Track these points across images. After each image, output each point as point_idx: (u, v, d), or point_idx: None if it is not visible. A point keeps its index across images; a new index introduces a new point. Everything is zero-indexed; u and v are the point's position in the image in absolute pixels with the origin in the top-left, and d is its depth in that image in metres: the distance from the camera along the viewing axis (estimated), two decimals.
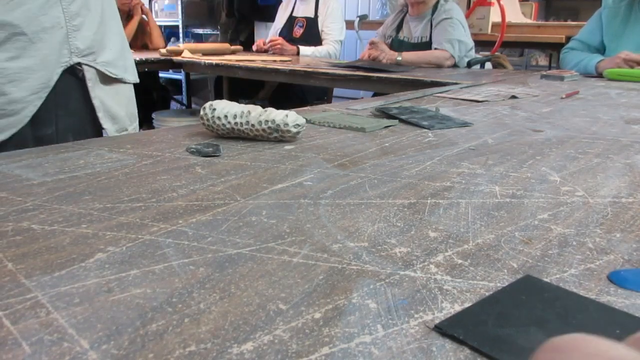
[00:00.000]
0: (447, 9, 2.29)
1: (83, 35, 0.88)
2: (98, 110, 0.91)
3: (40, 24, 0.82)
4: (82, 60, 0.88)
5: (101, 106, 0.92)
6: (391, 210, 0.45)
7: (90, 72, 0.90)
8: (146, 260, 0.34)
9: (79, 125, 0.91)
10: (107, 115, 0.94)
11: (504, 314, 0.28)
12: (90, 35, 0.89)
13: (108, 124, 0.93)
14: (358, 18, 3.27)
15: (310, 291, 0.31)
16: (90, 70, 0.90)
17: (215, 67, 2.42)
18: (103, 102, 0.92)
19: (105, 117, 0.93)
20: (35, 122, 0.85)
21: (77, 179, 0.52)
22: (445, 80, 1.64)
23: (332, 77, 1.99)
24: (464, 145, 0.71)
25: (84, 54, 0.88)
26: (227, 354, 0.25)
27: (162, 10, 4.68)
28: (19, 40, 0.80)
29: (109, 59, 0.93)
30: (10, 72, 0.80)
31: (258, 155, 0.62)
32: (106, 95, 0.93)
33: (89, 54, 0.89)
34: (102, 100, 0.92)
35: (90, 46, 0.89)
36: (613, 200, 0.49)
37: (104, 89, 0.93)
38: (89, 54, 0.89)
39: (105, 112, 0.93)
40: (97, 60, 0.91)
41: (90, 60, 0.90)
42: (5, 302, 0.29)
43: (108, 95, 0.94)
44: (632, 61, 1.72)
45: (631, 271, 0.34)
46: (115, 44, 0.96)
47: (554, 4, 4.52)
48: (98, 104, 0.91)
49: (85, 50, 0.88)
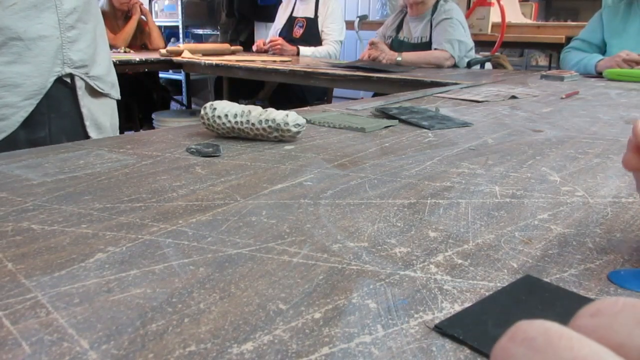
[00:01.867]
0: (447, 9, 2.29)
1: (77, 48, 0.90)
2: (86, 119, 0.94)
3: (37, 32, 0.83)
4: (75, 72, 0.90)
5: (89, 115, 0.94)
6: (391, 210, 0.45)
7: (80, 82, 0.92)
8: (146, 260, 0.34)
9: (71, 127, 0.93)
10: (94, 125, 0.96)
11: (504, 314, 0.28)
12: (83, 48, 0.91)
13: (94, 132, 0.96)
14: (358, 18, 3.27)
15: (310, 291, 0.31)
16: (80, 81, 0.92)
17: (215, 67, 2.42)
18: (90, 111, 0.95)
19: (92, 125, 0.95)
20: (28, 125, 0.86)
21: (77, 179, 0.52)
22: (445, 80, 1.64)
23: (332, 77, 1.99)
24: (464, 145, 0.71)
25: (77, 65, 0.90)
26: (227, 354, 0.25)
27: (162, 10, 4.68)
28: (15, 45, 0.81)
29: (98, 74, 0.96)
30: (5, 77, 0.81)
31: (258, 155, 0.62)
32: (93, 105, 0.96)
33: (82, 66, 0.91)
34: (90, 109, 0.95)
35: (83, 59, 0.91)
36: (613, 200, 0.49)
37: (91, 100, 0.95)
38: (82, 67, 0.91)
39: (92, 121, 0.95)
40: (89, 73, 0.93)
41: (82, 72, 0.92)
42: (5, 302, 0.29)
43: (95, 106, 0.96)
44: (632, 61, 1.72)
45: (631, 271, 0.34)
46: (104, 61, 0.98)
47: (554, 4, 4.52)
48: (86, 112, 0.94)
49: (78, 62, 0.90)
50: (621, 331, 0.13)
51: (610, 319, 0.13)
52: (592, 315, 0.14)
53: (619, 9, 1.91)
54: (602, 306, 0.14)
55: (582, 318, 0.14)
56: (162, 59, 2.57)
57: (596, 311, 0.14)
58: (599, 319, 0.14)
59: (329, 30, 2.95)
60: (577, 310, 0.14)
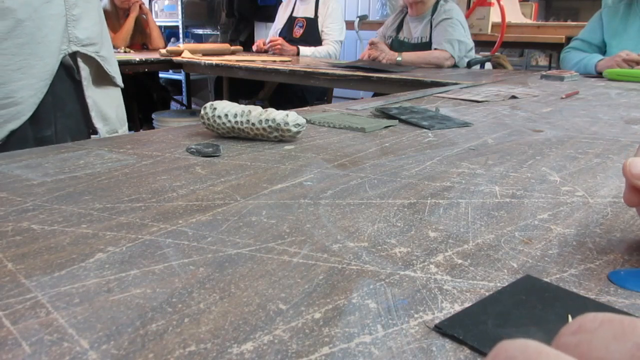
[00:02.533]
0: (447, 9, 2.29)
1: (82, 25, 0.90)
2: (91, 109, 0.95)
3: (46, 10, 0.83)
4: (82, 49, 0.90)
5: (94, 106, 0.95)
6: (391, 210, 0.45)
7: (85, 71, 0.93)
8: (146, 260, 0.34)
9: (75, 126, 0.94)
10: (99, 115, 0.97)
11: (504, 314, 0.28)
12: (89, 26, 0.91)
13: (100, 124, 0.97)
14: (358, 18, 3.27)
15: (310, 291, 0.31)
16: (85, 69, 0.92)
17: (215, 67, 2.42)
18: (95, 102, 0.96)
19: (97, 116, 0.96)
20: (36, 123, 0.86)
21: (77, 179, 0.52)
22: (445, 80, 1.64)
23: (332, 77, 1.99)
24: (464, 145, 0.71)
25: (84, 43, 0.90)
26: (227, 354, 0.25)
27: (162, 10, 4.68)
28: (27, 26, 0.81)
29: (106, 55, 0.96)
30: (20, 59, 0.81)
31: (258, 155, 0.62)
32: (98, 96, 0.96)
33: (89, 44, 0.92)
34: (95, 100, 0.96)
35: (90, 37, 0.92)
36: (613, 200, 0.49)
37: (96, 91, 0.96)
38: (89, 45, 0.92)
39: (97, 112, 0.96)
40: (100, 53, 0.94)
41: (90, 50, 0.92)
42: (5, 302, 0.29)
43: (100, 97, 0.97)
44: (632, 61, 1.72)
45: (631, 271, 0.34)
46: (109, 44, 0.99)
47: (554, 4, 4.52)
48: (91, 103, 0.95)
49: (85, 40, 0.91)
50: (600, 346, 0.13)
51: (590, 335, 0.14)
52: (574, 332, 0.14)
53: (619, 9, 1.91)
54: (583, 322, 0.14)
55: (564, 336, 0.15)
56: (162, 59, 2.57)
57: (578, 328, 0.14)
58: (580, 335, 0.14)
59: (329, 30, 2.96)
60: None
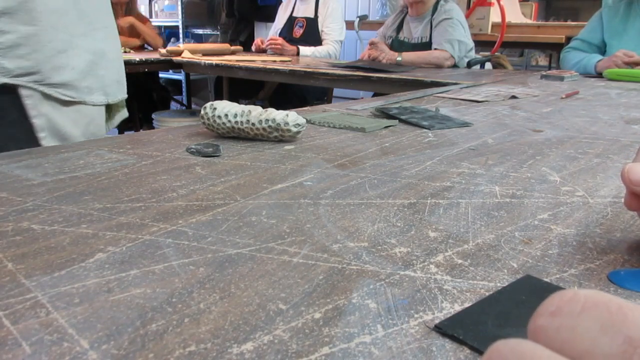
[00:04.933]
0: (447, 9, 2.29)
1: (16, 54, 0.77)
2: (40, 130, 0.81)
3: None
4: (14, 81, 0.78)
5: (46, 125, 0.82)
6: (391, 210, 0.45)
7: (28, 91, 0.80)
8: (146, 260, 0.34)
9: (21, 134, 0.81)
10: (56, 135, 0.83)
11: (504, 314, 0.28)
12: (26, 54, 0.78)
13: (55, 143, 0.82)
14: (358, 18, 3.27)
15: (310, 291, 0.31)
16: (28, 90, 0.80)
17: (215, 67, 2.42)
18: (51, 120, 0.82)
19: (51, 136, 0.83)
20: None
21: (77, 179, 0.52)
22: (445, 80, 1.64)
23: (332, 77, 1.99)
24: (464, 145, 0.71)
25: (15, 74, 0.78)
26: (227, 354, 0.25)
27: (162, 10, 4.68)
28: None
29: (66, 80, 0.83)
30: None
31: (258, 155, 0.62)
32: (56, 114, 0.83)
33: (26, 74, 0.79)
34: (50, 118, 0.82)
35: (26, 67, 0.79)
36: (613, 200, 0.49)
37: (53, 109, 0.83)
38: (26, 75, 0.79)
39: (51, 131, 0.83)
40: (45, 81, 0.80)
41: (27, 81, 0.79)
42: (5, 302, 0.29)
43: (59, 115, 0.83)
44: (633, 62, 1.72)
45: (631, 271, 0.34)
46: (81, 64, 0.85)
47: (554, 4, 4.52)
48: (41, 123, 0.81)
49: (17, 71, 0.78)
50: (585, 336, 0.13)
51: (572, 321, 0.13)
52: (553, 314, 0.14)
53: (619, 9, 1.91)
54: (561, 303, 0.14)
55: (541, 317, 0.14)
56: (162, 59, 2.57)
57: (557, 310, 0.14)
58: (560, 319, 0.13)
59: (329, 30, 2.96)
60: None
